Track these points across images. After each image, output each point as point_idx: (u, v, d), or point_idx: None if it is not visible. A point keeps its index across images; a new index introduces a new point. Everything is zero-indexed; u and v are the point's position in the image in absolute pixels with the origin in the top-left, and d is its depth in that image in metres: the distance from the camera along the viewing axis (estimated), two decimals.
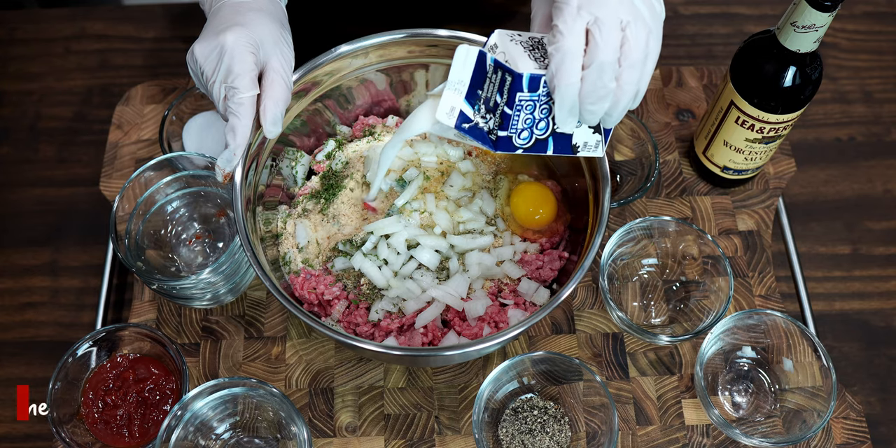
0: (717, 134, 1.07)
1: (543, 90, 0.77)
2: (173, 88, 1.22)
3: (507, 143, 0.79)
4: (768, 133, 1.02)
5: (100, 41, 1.31)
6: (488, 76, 0.78)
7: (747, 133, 1.03)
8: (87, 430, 0.97)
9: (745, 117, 1.01)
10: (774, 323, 1.00)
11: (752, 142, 1.04)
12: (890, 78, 1.29)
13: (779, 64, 0.96)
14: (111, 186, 1.16)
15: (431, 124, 0.84)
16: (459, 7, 1.33)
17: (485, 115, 0.79)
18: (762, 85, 0.98)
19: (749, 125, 1.01)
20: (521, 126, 0.79)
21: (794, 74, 0.96)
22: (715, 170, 1.11)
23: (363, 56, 1.00)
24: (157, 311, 1.07)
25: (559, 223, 1.04)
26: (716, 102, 1.06)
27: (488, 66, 0.77)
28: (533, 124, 0.79)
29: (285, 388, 1.03)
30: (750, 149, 1.05)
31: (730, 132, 1.04)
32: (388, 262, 0.97)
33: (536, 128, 0.80)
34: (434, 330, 0.96)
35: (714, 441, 1.00)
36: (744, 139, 1.04)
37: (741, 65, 1.00)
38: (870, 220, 1.18)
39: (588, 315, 1.07)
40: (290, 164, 1.04)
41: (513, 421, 0.99)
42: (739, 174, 1.11)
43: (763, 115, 0.99)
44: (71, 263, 1.15)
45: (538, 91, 0.77)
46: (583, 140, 0.83)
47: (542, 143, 0.81)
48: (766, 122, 1.00)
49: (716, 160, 1.10)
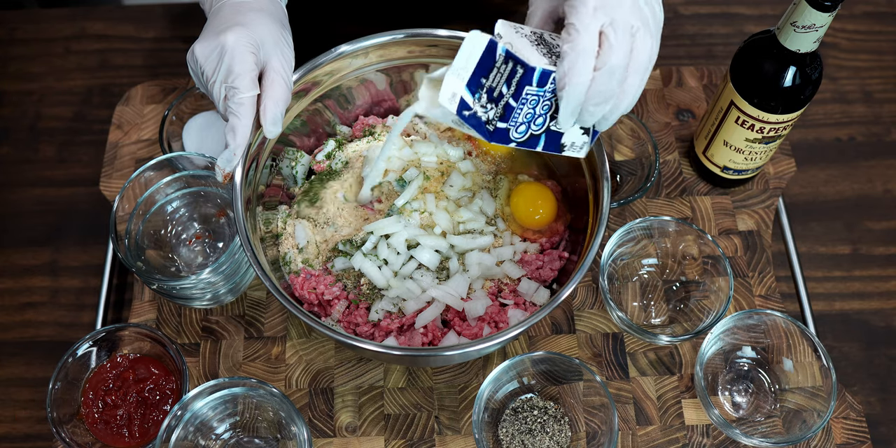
0: (716, 134, 1.07)
1: (550, 87, 0.77)
2: (173, 88, 1.22)
3: (504, 135, 0.78)
4: (768, 133, 1.02)
5: (100, 41, 1.31)
6: (496, 66, 0.76)
7: (747, 133, 1.03)
8: (87, 430, 0.97)
9: (745, 117, 1.01)
10: (774, 323, 1.00)
11: (752, 142, 1.04)
12: (890, 78, 1.29)
13: (779, 64, 0.96)
14: (111, 186, 1.16)
15: (427, 107, 0.81)
16: (459, 7, 1.33)
17: (485, 105, 0.77)
18: (762, 85, 0.98)
19: (749, 125, 1.01)
20: (522, 120, 0.78)
21: (794, 74, 0.96)
22: (715, 170, 1.11)
23: (363, 56, 1.00)
24: (157, 311, 1.07)
25: (559, 223, 1.04)
26: (716, 102, 1.06)
27: (498, 55, 0.76)
28: (532, 119, 0.79)
29: (285, 388, 1.03)
30: (750, 149, 1.05)
31: (730, 132, 1.04)
32: (388, 262, 0.97)
33: (534, 123, 0.79)
34: (434, 330, 0.96)
35: (714, 441, 1.00)
36: (744, 139, 1.04)
37: (741, 65, 1.00)
38: (870, 220, 1.18)
39: (588, 315, 1.07)
40: (290, 164, 1.04)
41: (513, 421, 0.99)
42: (739, 174, 1.11)
43: (763, 115, 0.99)
44: (71, 263, 1.15)
45: (545, 87, 0.77)
46: (571, 140, 0.82)
47: (534, 139, 0.80)
48: (766, 122, 1.00)
49: (716, 160, 1.10)
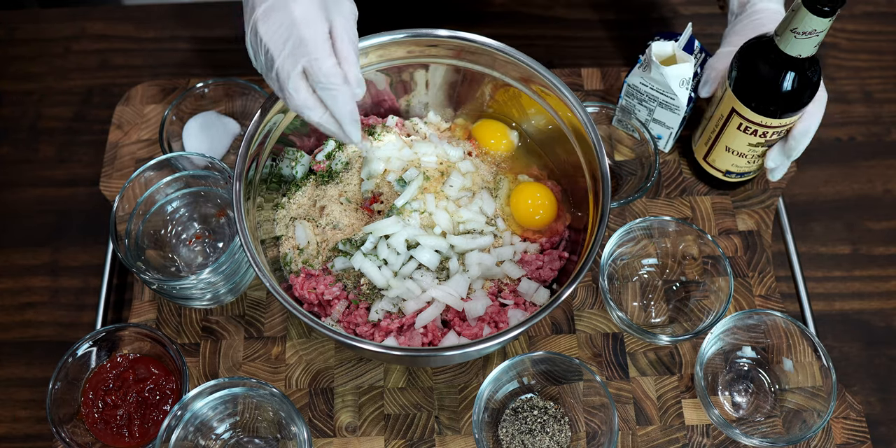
0: (717, 141, 1.07)
1: None
2: (173, 88, 1.22)
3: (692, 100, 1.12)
4: (771, 136, 1.02)
5: (100, 41, 1.31)
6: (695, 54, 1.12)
7: (750, 138, 1.03)
8: (87, 430, 0.97)
9: (747, 123, 1.01)
10: (774, 323, 1.00)
11: (756, 146, 1.04)
12: (890, 78, 1.29)
13: (779, 69, 0.96)
14: (111, 186, 1.16)
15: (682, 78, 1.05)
16: (459, 7, 1.33)
17: None
18: (763, 91, 0.98)
19: (752, 131, 1.01)
20: None
21: (795, 79, 0.96)
22: (717, 174, 1.11)
23: (363, 56, 0.99)
24: (157, 311, 1.07)
25: (559, 223, 1.04)
26: (714, 109, 1.06)
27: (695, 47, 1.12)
28: None
29: (285, 388, 1.03)
30: (753, 152, 1.05)
31: (732, 138, 1.04)
32: (388, 262, 0.97)
33: None
34: (434, 330, 0.96)
35: (714, 441, 1.00)
36: (747, 144, 1.04)
37: (741, 71, 0.99)
38: (870, 220, 1.18)
39: (588, 315, 1.07)
40: (290, 164, 1.04)
41: (513, 421, 0.99)
42: (742, 177, 1.11)
43: (766, 120, 0.99)
44: (71, 263, 1.15)
45: None
46: None
47: None
48: (769, 127, 1.00)
49: (718, 165, 1.10)
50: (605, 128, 1.14)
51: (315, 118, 0.86)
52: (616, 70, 1.24)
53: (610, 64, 1.28)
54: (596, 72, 1.24)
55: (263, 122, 0.96)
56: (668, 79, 1.04)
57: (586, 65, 1.27)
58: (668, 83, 1.05)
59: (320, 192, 1.03)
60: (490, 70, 1.02)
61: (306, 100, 0.84)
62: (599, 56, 1.29)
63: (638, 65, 1.08)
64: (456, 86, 1.06)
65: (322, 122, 0.86)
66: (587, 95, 1.22)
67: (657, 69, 1.04)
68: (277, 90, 0.85)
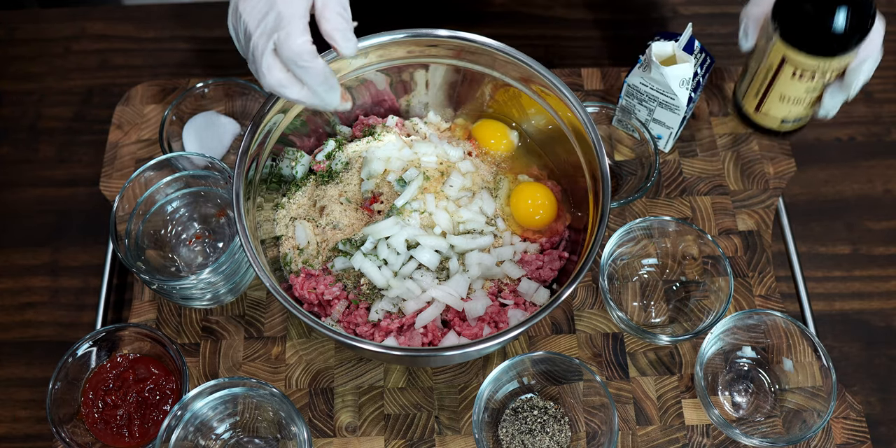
0: (770, 90, 1.07)
1: None
2: (173, 88, 1.22)
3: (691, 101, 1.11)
4: (830, 78, 1.01)
5: (100, 41, 1.31)
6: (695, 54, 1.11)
7: (807, 84, 1.02)
8: (87, 430, 0.97)
9: (801, 70, 1.00)
10: (774, 323, 1.00)
11: (813, 90, 1.04)
12: (890, 78, 1.29)
13: (830, 3, 0.93)
14: (111, 186, 1.16)
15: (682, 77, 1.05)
16: (459, 7, 1.33)
17: None
18: (817, 31, 0.95)
19: (810, 75, 1.00)
20: None
21: (848, 11, 0.94)
22: (771, 125, 1.12)
23: (363, 56, 1.00)
24: (157, 311, 1.07)
25: (559, 223, 1.04)
26: (762, 62, 1.06)
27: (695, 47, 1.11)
28: None
29: (285, 388, 1.03)
30: (810, 97, 1.05)
31: (787, 87, 1.04)
32: (388, 262, 0.97)
33: None
34: (434, 330, 0.96)
35: (714, 441, 1.00)
36: (804, 90, 1.04)
37: (787, 16, 0.97)
38: (870, 220, 1.18)
39: (588, 315, 1.07)
40: (290, 164, 1.04)
41: (513, 421, 0.99)
42: (798, 122, 1.11)
43: (823, 62, 0.98)
44: (71, 263, 1.15)
45: None
46: None
47: None
48: (828, 69, 0.99)
49: (773, 114, 1.10)
50: (605, 128, 1.14)
51: (293, 96, 0.82)
52: (616, 70, 1.24)
53: (610, 64, 1.28)
54: (596, 72, 1.24)
55: (263, 122, 0.96)
56: (668, 79, 1.04)
57: (586, 65, 1.27)
58: (668, 83, 1.05)
59: (320, 192, 1.04)
60: (490, 70, 1.02)
61: (280, 79, 0.81)
62: (599, 56, 1.29)
63: (638, 65, 1.08)
64: (456, 86, 1.06)
65: (300, 98, 0.83)
66: (587, 95, 1.22)
67: (657, 69, 1.04)
68: (253, 71, 0.83)
